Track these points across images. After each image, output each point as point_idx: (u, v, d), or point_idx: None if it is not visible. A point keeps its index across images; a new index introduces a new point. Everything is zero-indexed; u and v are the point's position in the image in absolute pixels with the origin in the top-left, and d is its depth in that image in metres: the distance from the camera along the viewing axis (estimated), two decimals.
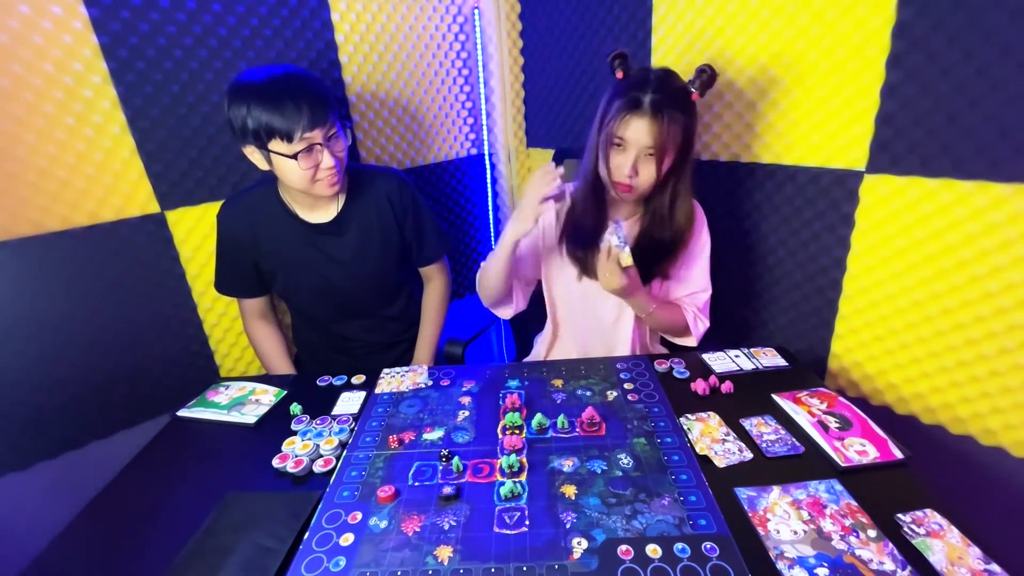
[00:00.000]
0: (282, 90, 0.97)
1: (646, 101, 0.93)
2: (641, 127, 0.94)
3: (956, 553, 0.63)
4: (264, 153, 1.00)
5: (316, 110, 0.98)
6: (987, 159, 0.89)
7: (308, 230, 1.15)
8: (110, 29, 1.04)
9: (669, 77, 0.97)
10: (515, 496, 0.74)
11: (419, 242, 1.27)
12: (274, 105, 0.96)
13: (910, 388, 1.07)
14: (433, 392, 1.01)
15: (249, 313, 1.24)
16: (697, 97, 0.98)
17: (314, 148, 1.00)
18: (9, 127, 0.98)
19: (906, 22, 0.91)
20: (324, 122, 0.99)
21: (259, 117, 0.96)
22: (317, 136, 0.99)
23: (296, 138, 0.97)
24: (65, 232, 1.07)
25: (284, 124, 0.96)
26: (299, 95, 0.97)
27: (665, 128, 0.93)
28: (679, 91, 0.97)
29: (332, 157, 1.03)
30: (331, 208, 1.16)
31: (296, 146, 0.98)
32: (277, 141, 0.98)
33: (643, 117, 0.94)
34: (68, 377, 1.13)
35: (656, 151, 0.95)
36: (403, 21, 1.45)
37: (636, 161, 0.97)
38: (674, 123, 0.94)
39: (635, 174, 0.98)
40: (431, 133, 1.62)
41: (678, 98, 0.95)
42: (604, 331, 1.18)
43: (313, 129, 0.98)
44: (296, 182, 1.03)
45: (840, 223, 1.09)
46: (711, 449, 0.81)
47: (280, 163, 1.01)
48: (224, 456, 0.91)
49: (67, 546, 0.75)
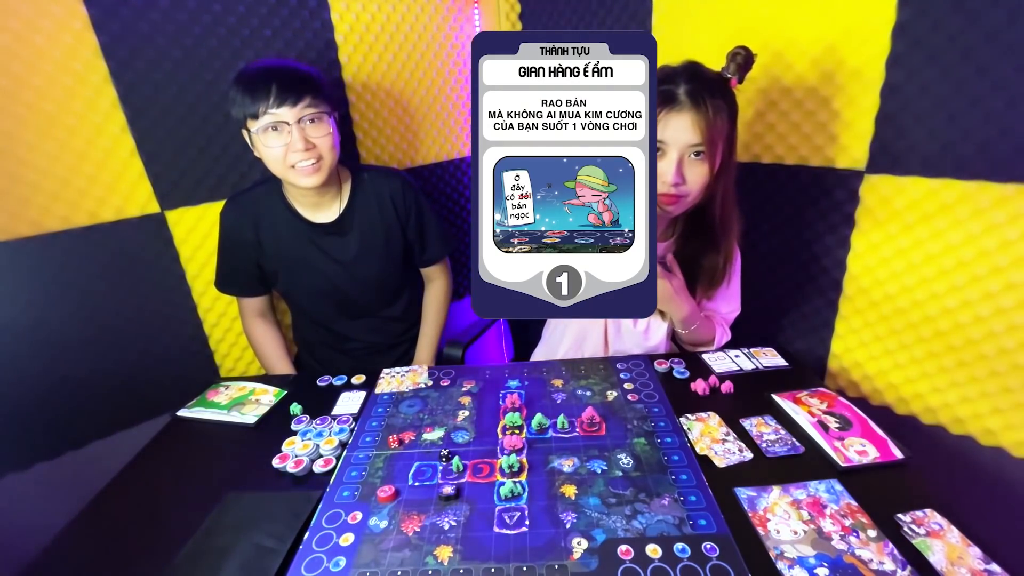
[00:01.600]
0: (259, 73, 1.00)
1: (681, 92, 0.81)
2: (683, 124, 0.82)
3: (956, 553, 0.63)
4: (249, 137, 1.03)
5: (285, 88, 0.98)
6: (987, 159, 0.89)
7: (311, 229, 1.15)
8: (110, 29, 1.04)
9: (696, 66, 0.86)
10: (515, 496, 0.74)
11: (422, 243, 1.27)
12: (248, 86, 0.99)
13: (910, 388, 1.07)
14: (433, 392, 1.01)
15: (249, 312, 1.24)
16: (735, 84, 0.86)
17: (281, 127, 1.01)
18: (9, 127, 0.98)
19: (906, 22, 0.91)
20: (293, 102, 0.99)
21: (236, 97, 1.00)
22: (285, 114, 0.99)
23: (260, 114, 0.99)
24: (65, 232, 1.07)
25: (252, 101, 0.98)
26: (272, 76, 0.99)
27: (711, 118, 0.81)
28: (714, 80, 0.84)
29: (303, 140, 1.01)
30: (334, 208, 1.16)
31: (262, 121, 0.99)
32: (251, 120, 1.00)
33: (683, 112, 0.81)
34: (68, 377, 1.13)
35: (706, 146, 0.83)
36: (403, 21, 1.45)
37: (680, 165, 0.84)
38: (719, 112, 0.81)
39: (682, 180, 0.85)
40: (431, 133, 1.62)
41: (716, 85, 0.83)
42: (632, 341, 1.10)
43: (280, 107, 0.99)
44: (272, 166, 1.04)
45: (841, 223, 1.09)
46: (711, 449, 0.81)
47: (258, 146, 1.03)
48: (224, 456, 0.91)
49: (67, 546, 0.75)
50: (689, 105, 0.82)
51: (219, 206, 1.24)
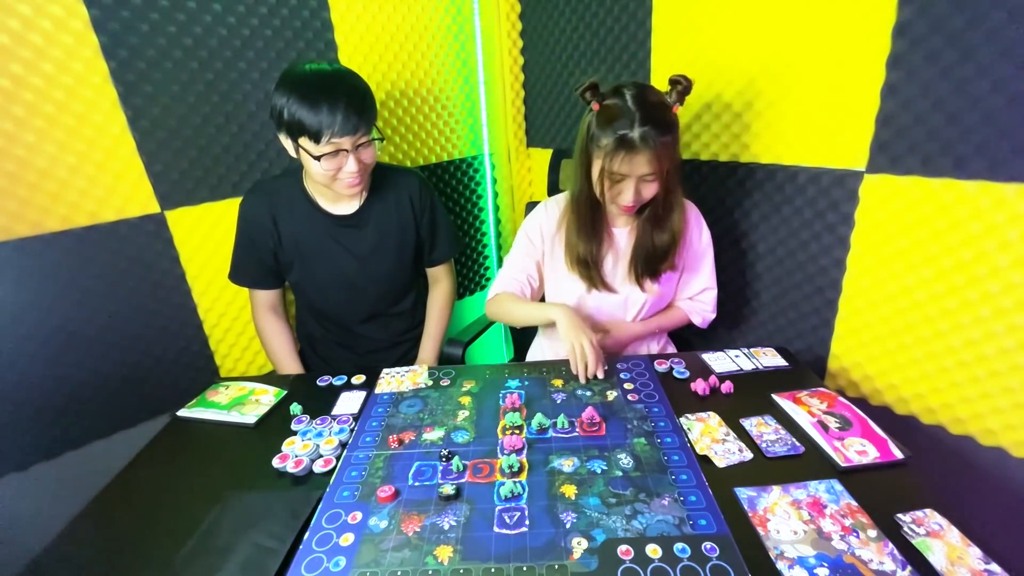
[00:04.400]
0: (323, 90, 0.98)
1: (637, 137, 0.93)
2: (639, 162, 0.95)
3: (956, 553, 0.63)
4: (294, 144, 1.02)
5: (349, 117, 0.98)
6: (987, 159, 0.89)
7: (329, 221, 1.17)
8: (110, 29, 1.04)
9: (646, 98, 0.96)
10: (515, 496, 0.74)
11: (432, 242, 1.29)
12: (311, 104, 0.97)
13: (910, 388, 1.07)
14: (433, 392, 1.01)
15: (260, 306, 1.25)
16: (677, 109, 0.98)
17: (340, 153, 1.01)
18: (9, 127, 0.98)
19: (906, 22, 0.91)
20: (355, 131, 1.00)
21: (294, 111, 0.98)
22: (346, 143, 1.00)
23: (324, 140, 0.98)
24: (65, 232, 1.07)
25: (315, 124, 0.97)
26: (337, 99, 0.97)
27: (660, 155, 0.95)
28: (662, 113, 0.96)
29: (357, 163, 1.03)
30: (354, 201, 1.18)
31: (323, 148, 0.99)
32: (306, 139, 0.99)
33: (638, 153, 0.94)
34: (68, 377, 1.13)
35: (657, 176, 0.98)
36: (403, 21, 1.45)
37: (636, 190, 0.99)
38: (666, 147, 0.95)
39: (638, 200, 1.01)
40: (431, 133, 1.62)
41: (662, 121, 0.95)
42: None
43: (343, 136, 0.99)
44: (318, 177, 1.05)
45: (840, 223, 1.09)
46: (711, 449, 0.81)
47: (305, 157, 1.03)
48: (224, 456, 0.91)
49: (67, 546, 0.74)
50: (643, 147, 0.94)
51: (219, 206, 1.24)
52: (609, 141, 0.95)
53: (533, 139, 1.77)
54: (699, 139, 1.29)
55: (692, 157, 1.31)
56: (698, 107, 1.26)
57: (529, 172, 1.81)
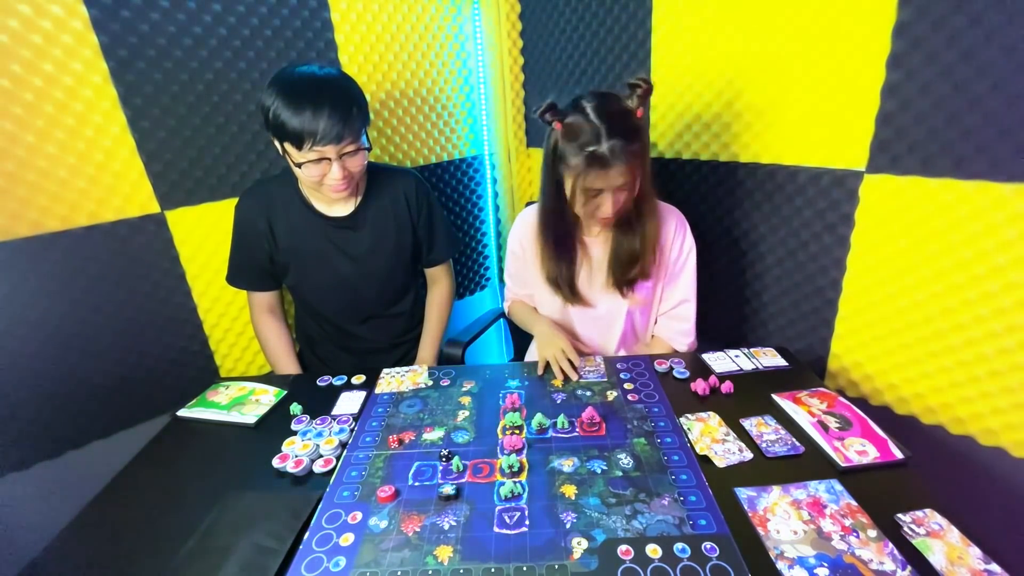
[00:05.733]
0: (308, 95, 0.95)
1: (606, 151, 0.91)
2: (613, 175, 0.94)
3: (956, 553, 0.63)
4: (280, 148, 1.02)
5: (333, 126, 0.96)
6: (987, 159, 0.88)
7: (325, 223, 1.16)
8: (110, 29, 1.04)
9: (608, 107, 0.94)
10: (515, 496, 0.74)
11: (430, 242, 1.29)
12: (295, 109, 0.95)
13: (910, 388, 1.07)
14: (433, 392, 1.01)
15: (258, 307, 1.25)
16: (641, 114, 0.96)
17: (323, 161, 1.00)
18: (9, 127, 0.98)
19: (906, 22, 0.91)
20: (339, 139, 0.97)
21: (279, 114, 0.96)
22: (329, 151, 0.99)
23: (306, 148, 0.97)
24: (65, 232, 1.07)
25: (297, 131, 0.95)
26: (322, 105, 0.95)
27: (632, 164, 0.94)
28: (626, 123, 0.94)
29: (342, 170, 1.02)
30: (349, 203, 1.17)
31: (305, 155, 0.98)
32: (289, 144, 0.98)
33: (610, 167, 0.93)
34: (68, 377, 1.13)
35: (628, 185, 0.97)
36: (403, 21, 1.45)
37: (614, 200, 0.97)
38: (635, 155, 0.93)
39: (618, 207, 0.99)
40: (431, 133, 1.62)
41: (628, 129, 0.93)
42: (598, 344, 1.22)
43: (326, 145, 0.97)
44: (303, 180, 1.05)
45: (840, 223, 1.09)
46: (711, 449, 0.81)
47: (291, 162, 1.02)
48: (224, 456, 0.91)
49: (67, 546, 0.75)
50: (614, 160, 0.93)
51: (219, 206, 1.24)
52: (579, 160, 0.93)
53: (533, 139, 1.76)
54: (699, 139, 1.29)
55: (692, 157, 1.31)
56: (698, 107, 1.26)
57: (529, 172, 1.81)
